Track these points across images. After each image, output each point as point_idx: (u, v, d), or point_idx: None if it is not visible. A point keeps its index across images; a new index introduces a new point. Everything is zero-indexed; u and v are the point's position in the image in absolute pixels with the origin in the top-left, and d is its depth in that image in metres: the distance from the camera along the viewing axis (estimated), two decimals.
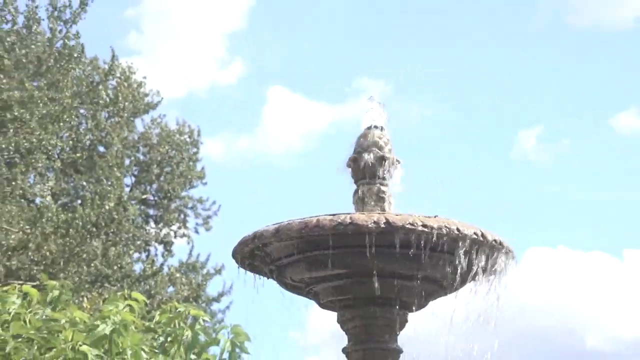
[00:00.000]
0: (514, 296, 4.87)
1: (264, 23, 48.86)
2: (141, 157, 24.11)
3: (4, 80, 16.67)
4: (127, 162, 22.93)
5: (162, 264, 23.09)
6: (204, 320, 7.75)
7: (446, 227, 4.58)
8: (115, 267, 19.53)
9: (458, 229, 4.61)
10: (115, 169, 20.97)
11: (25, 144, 17.49)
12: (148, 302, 7.62)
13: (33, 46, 17.64)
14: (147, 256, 23.12)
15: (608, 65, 54.44)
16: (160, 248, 23.92)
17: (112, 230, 19.82)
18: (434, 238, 4.56)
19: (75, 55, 18.94)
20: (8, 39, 17.21)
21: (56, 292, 7.71)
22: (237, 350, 7.62)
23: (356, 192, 5.03)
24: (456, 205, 4.79)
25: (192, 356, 7.41)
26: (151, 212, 24.22)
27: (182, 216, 24.59)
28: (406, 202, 5.02)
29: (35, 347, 6.80)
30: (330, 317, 5.07)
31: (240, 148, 45.16)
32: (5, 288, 7.40)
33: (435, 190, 5.01)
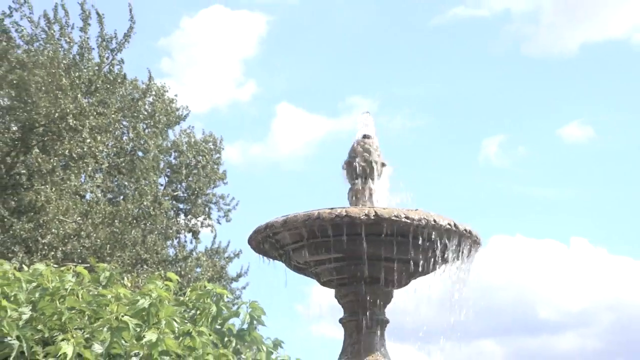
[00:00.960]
0: (480, 276, 4.90)
1: (272, 51, 48.89)
2: (173, 161, 24.10)
3: (61, 97, 16.70)
4: (161, 165, 22.92)
5: (191, 250, 23.10)
6: (226, 297, 7.81)
7: (425, 218, 4.62)
8: (152, 252, 19.54)
9: (435, 220, 4.65)
10: (151, 171, 21.00)
11: (78, 150, 17.50)
12: (180, 281, 7.65)
13: (85, 70, 17.66)
14: (178, 243, 23.09)
15: (556, 86, 54.46)
16: (189, 236, 23.90)
17: (149, 221, 19.84)
18: (415, 228, 4.59)
19: (119, 80, 19.01)
20: (64, 62, 17.25)
21: (107, 273, 7.78)
22: (254, 322, 7.69)
23: (350, 190, 5.05)
24: (433, 200, 4.86)
25: (217, 326, 7.46)
26: (181, 206, 24.19)
27: (207, 210, 24.56)
28: (392, 198, 5.05)
29: (86, 318, 6.86)
30: (329, 294, 5.11)
31: (254, 154, 45.24)
32: (62, 268, 7.46)
33: (415, 188, 5.06)
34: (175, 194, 23.90)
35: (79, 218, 17.85)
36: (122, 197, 20.45)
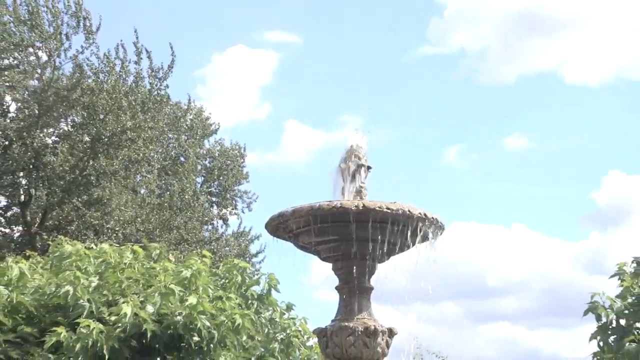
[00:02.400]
0: (443, 253, 4.90)
1: (282, 80, 49.09)
2: (207, 165, 24.12)
3: (122, 115, 16.74)
4: (198, 167, 22.94)
5: (221, 233, 23.11)
6: (248, 270, 7.82)
7: (401, 209, 4.62)
8: (191, 235, 19.55)
9: (409, 210, 4.64)
10: (191, 172, 21.02)
11: (135, 156, 17.53)
12: (213, 257, 7.65)
13: (139, 94, 17.67)
14: (212, 227, 23.10)
15: (500, 107, 54.89)
16: (220, 222, 23.94)
17: (189, 211, 19.85)
18: (393, 216, 4.60)
19: (165, 101, 19.09)
20: (123, 88, 17.26)
21: (157, 250, 7.79)
22: (271, 289, 7.69)
23: (344, 187, 5.05)
24: (407, 195, 4.85)
25: (242, 292, 7.46)
26: (214, 199, 24.20)
27: (233, 202, 24.58)
28: (375, 193, 5.05)
29: (141, 285, 6.86)
30: (327, 267, 5.10)
31: (268, 159, 45.48)
32: (122, 247, 7.47)
33: (394, 185, 5.07)
34: (210, 190, 23.93)
35: (135, 208, 17.89)
36: (168, 192, 20.46)
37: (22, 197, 17.76)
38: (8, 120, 17.38)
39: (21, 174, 17.69)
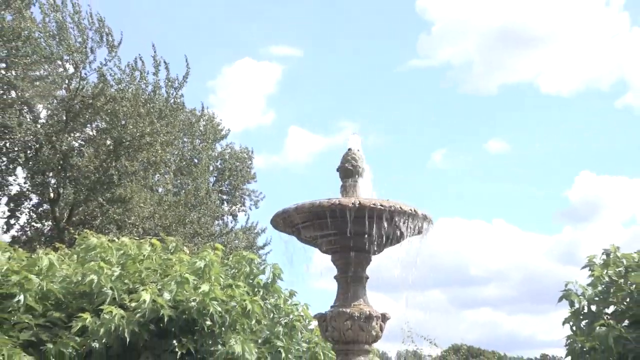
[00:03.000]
0: (431, 245, 4.90)
1: (285, 90, 49.43)
2: (219, 166, 24.13)
3: (141, 121, 16.75)
4: (210, 168, 22.94)
5: (231, 228, 23.12)
6: (255, 261, 7.80)
7: (394, 206, 4.61)
8: (204, 229, 19.55)
9: (401, 207, 4.63)
10: (204, 173, 21.02)
11: (153, 158, 17.52)
12: (224, 249, 7.64)
13: (157, 102, 17.67)
14: (223, 223, 23.12)
15: (482, 114, 55.03)
16: (230, 218, 23.96)
17: (202, 207, 19.85)
18: (387, 212, 4.59)
19: (180, 109, 19.09)
20: (143, 97, 17.26)
21: (173, 243, 7.78)
22: (276, 278, 7.68)
23: (342, 186, 5.03)
24: (399, 193, 4.85)
25: (249, 281, 7.45)
26: (225, 197, 24.20)
27: (242, 200, 24.60)
28: (371, 192, 5.04)
29: (158, 275, 6.86)
30: (326, 258, 5.09)
31: (273, 161, 45.70)
32: (141, 240, 7.46)
33: (387, 184, 5.06)
34: (221, 188, 23.94)
35: (154, 205, 17.91)
36: (183, 191, 20.46)
37: (52, 195, 17.75)
38: (39, 126, 17.39)
39: (51, 174, 17.69)
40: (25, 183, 18.09)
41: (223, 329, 6.43)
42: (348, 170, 4.98)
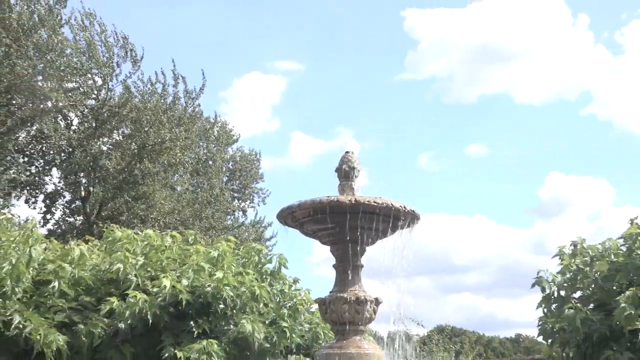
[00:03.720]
0: (419, 237, 4.89)
1: (289, 99, 49.41)
2: (230, 167, 24.11)
3: (162, 128, 16.76)
4: (223, 169, 22.93)
5: (242, 222, 23.10)
6: (263, 251, 7.80)
7: (386, 202, 4.59)
8: (218, 223, 19.54)
9: (392, 204, 4.61)
10: (217, 173, 21.01)
11: (172, 160, 17.51)
12: (235, 241, 7.63)
13: (176, 111, 17.69)
14: (234, 217, 23.11)
15: (464, 121, 54.98)
16: (241, 213, 23.94)
17: (216, 204, 19.85)
18: (379, 209, 4.58)
19: (197, 116, 19.10)
20: (163, 106, 17.26)
21: (191, 236, 7.78)
22: (281, 266, 7.67)
23: (339, 185, 5.03)
24: (390, 192, 4.84)
25: (258, 269, 7.44)
26: (236, 195, 24.19)
27: (251, 197, 24.57)
28: (364, 190, 5.03)
29: (177, 263, 6.85)
30: (326, 249, 5.08)
31: (278, 163, 45.87)
32: (163, 233, 7.46)
33: (380, 184, 5.04)
34: (232, 187, 23.92)
35: (173, 202, 17.91)
36: (199, 189, 20.45)
37: (83, 193, 17.77)
38: (71, 132, 17.39)
39: (82, 174, 17.70)
40: (59, 182, 18.12)
41: (235, 311, 6.43)
42: (345, 171, 4.97)
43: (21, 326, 5.54)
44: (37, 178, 17.59)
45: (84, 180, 17.77)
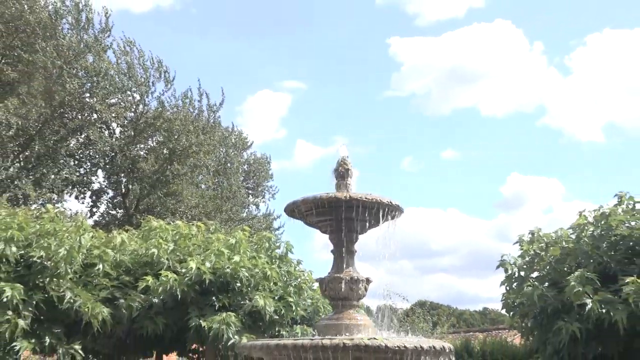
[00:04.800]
0: (402, 228, 4.86)
1: (294, 113, 49.27)
2: (245, 168, 24.03)
3: (189, 136, 16.77)
4: (240, 170, 22.88)
5: (255, 214, 23.04)
6: (273, 238, 7.79)
7: (375, 198, 4.57)
8: (235, 215, 19.49)
9: (380, 199, 4.58)
10: (235, 174, 20.95)
11: (197, 163, 17.50)
12: (250, 230, 7.62)
13: (201, 121, 17.69)
14: (248, 210, 23.05)
15: (439, 131, 54.91)
16: (254, 207, 23.87)
17: (234, 199, 19.81)
18: (369, 203, 4.56)
19: (217, 126, 19.08)
20: (190, 117, 17.26)
21: (213, 226, 7.77)
22: (288, 251, 7.67)
23: (336, 184, 5.00)
24: (378, 189, 4.83)
25: (268, 254, 7.44)
26: (250, 192, 24.11)
27: (263, 193, 24.51)
28: (357, 188, 5.01)
29: (201, 249, 6.86)
30: (325, 237, 5.05)
31: (284, 166, 45.64)
32: (189, 224, 7.45)
33: (369, 183, 5.03)
34: (247, 185, 23.84)
35: (198, 198, 17.90)
36: (220, 187, 20.41)
37: (123, 190, 17.76)
38: (114, 139, 17.38)
39: (122, 174, 17.69)
40: (104, 181, 18.12)
41: (249, 288, 6.44)
42: (341, 172, 4.95)
43: (72, 301, 5.57)
44: (85, 178, 17.57)
45: (124, 180, 17.76)
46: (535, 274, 6.78)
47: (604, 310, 5.41)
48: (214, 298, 6.25)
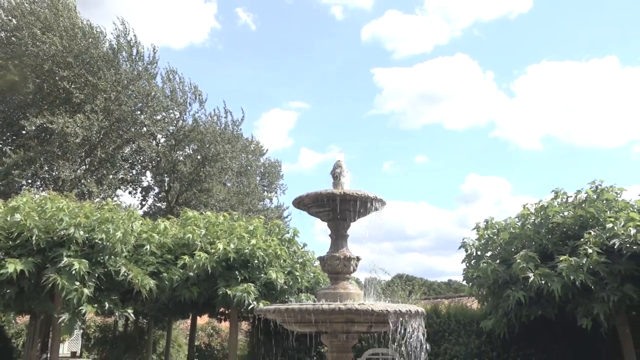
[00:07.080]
0: (384, 217, 4.83)
1: (300, 126, 48.99)
2: (262, 171, 23.97)
3: (217, 145, 16.74)
4: (257, 172, 22.82)
5: (269, 206, 22.97)
6: (282, 225, 7.76)
7: (364, 194, 4.53)
8: (253, 207, 19.43)
9: (367, 194, 4.54)
10: (253, 174, 20.90)
11: (224, 166, 17.46)
12: (265, 219, 7.59)
13: (226, 133, 17.66)
14: (264, 204, 22.97)
15: (413, 141, 54.61)
16: (268, 201, 23.76)
17: (252, 195, 19.77)
18: (360, 197, 4.52)
19: (239, 137, 19.02)
20: (219, 131, 17.24)
21: (236, 215, 7.70)
22: (295, 236, 7.64)
23: (333, 183, 4.98)
24: (365, 187, 4.79)
25: (279, 237, 7.42)
26: (265, 188, 24.02)
27: (275, 190, 24.41)
28: (350, 186, 4.97)
29: (227, 233, 6.79)
30: (324, 224, 5.01)
31: (291, 169, 45.43)
32: (217, 214, 7.41)
33: (359, 182, 4.99)
34: (263, 184, 23.75)
35: (224, 194, 17.86)
36: (242, 185, 20.35)
37: (166, 187, 17.74)
38: (159, 147, 17.36)
39: (165, 175, 17.67)
40: (151, 180, 18.10)
41: (264, 265, 6.43)
42: (336, 174, 4.94)
43: (126, 274, 5.57)
44: (136, 178, 17.57)
45: (167, 179, 17.74)
46: (489, 254, 6.77)
47: (543, 282, 5.42)
48: (237, 272, 6.26)
